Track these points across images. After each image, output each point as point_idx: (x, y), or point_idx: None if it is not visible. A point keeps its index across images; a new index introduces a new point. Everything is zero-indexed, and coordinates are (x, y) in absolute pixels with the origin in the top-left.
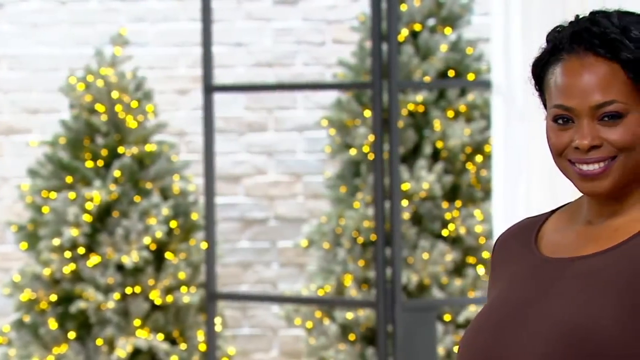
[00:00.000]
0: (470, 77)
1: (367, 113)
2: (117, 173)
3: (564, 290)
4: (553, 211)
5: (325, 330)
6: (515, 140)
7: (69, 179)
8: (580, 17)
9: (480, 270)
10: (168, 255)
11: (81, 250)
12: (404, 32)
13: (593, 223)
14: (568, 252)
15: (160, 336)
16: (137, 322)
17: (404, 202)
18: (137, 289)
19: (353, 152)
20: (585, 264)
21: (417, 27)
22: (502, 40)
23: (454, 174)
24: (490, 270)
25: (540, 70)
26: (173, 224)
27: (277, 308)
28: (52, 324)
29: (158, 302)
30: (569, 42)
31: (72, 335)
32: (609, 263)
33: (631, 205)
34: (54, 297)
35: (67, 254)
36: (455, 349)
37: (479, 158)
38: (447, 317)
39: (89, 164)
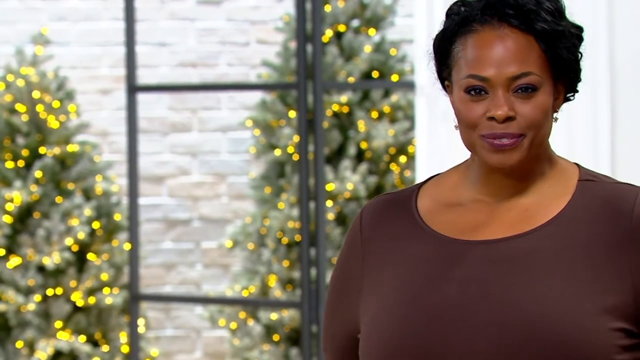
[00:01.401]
0: (394, 78)
1: (292, 114)
2: (38, 174)
3: (507, 275)
4: (418, 187)
5: (249, 331)
6: (439, 141)
7: None
8: None
9: None
10: (90, 256)
11: (1, 252)
12: (328, 33)
13: (493, 201)
14: (478, 234)
15: (82, 338)
16: (58, 324)
17: (329, 203)
18: (59, 291)
19: (278, 152)
20: (511, 246)
21: (341, 28)
22: (425, 42)
23: (378, 175)
24: (362, 251)
25: (446, 42)
26: (95, 224)
27: (201, 309)
28: None
29: (80, 303)
30: (481, 13)
31: None
32: (541, 245)
33: (533, 184)
34: None
35: None
36: None
37: (402, 159)
38: None
39: (10, 164)
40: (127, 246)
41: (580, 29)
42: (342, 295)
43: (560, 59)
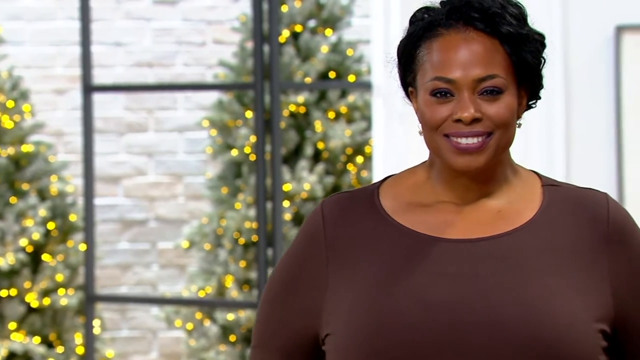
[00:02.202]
0: (351, 78)
1: (249, 114)
2: None
3: (499, 273)
4: (377, 187)
5: (205, 331)
6: (396, 141)
7: None
8: None
9: None
10: (45, 257)
11: None
12: (285, 34)
13: (460, 203)
14: (454, 233)
15: (37, 339)
16: (12, 326)
17: (286, 203)
18: (13, 292)
19: (234, 153)
20: (495, 245)
21: (298, 28)
22: (382, 42)
23: (335, 175)
24: (325, 250)
25: (411, 47)
26: (51, 225)
27: (157, 310)
28: None
29: (34, 304)
30: (446, 17)
31: None
32: (525, 245)
33: (498, 188)
34: None
35: None
36: None
37: (359, 159)
38: None
39: None
40: (82, 247)
41: (542, 36)
42: (294, 292)
43: (524, 63)
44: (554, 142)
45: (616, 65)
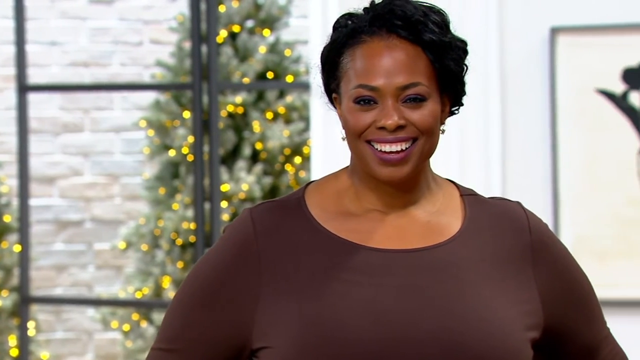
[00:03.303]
0: (289, 79)
1: (186, 114)
2: None
3: (439, 283)
4: (301, 195)
5: (142, 332)
6: (334, 142)
7: None
8: (377, 2)
9: None
10: None
11: None
12: (223, 34)
13: (387, 211)
14: (388, 243)
15: None
16: None
17: (224, 204)
18: None
19: (172, 153)
20: (432, 256)
21: (236, 28)
22: (320, 43)
23: (273, 175)
24: (258, 261)
25: (334, 54)
26: None
27: (93, 311)
28: None
29: None
30: (369, 24)
31: None
32: (459, 256)
33: (422, 197)
34: None
35: None
36: None
37: (297, 159)
38: None
39: None
40: (17, 248)
41: (464, 43)
42: (219, 302)
43: (447, 70)
44: (489, 143)
45: (551, 67)
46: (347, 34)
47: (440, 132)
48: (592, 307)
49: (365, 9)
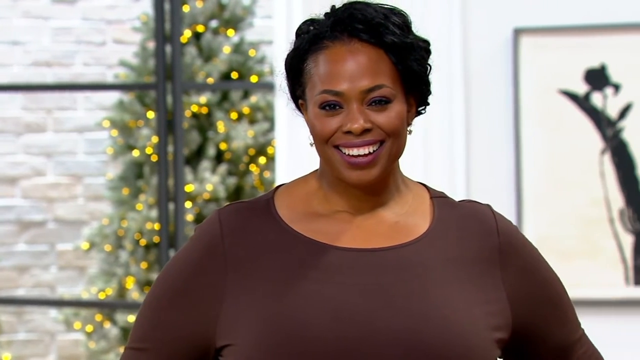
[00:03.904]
0: (253, 79)
1: (150, 114)
2: None
3: (403, 283)
4: (270, 197)
5: (105, 333)
6: (299, 142)
7: None
8: (337, 7)
9: None
10: None
11: None
12: (187, 34)
13: (355, 213)
14: (353, 242)
15: None
16: None
17: (188, 204)
18: None
19: (136, 153)
20: (397, 255)
21: (200, 28)
22: (284, 43)
23: (237, 176)
24: (224, 260)
25: (298, 61)
26: None
27: (56, 312)
28: None
29: None
30: (331, 29)
31: None
32: (425, 256)
33: (391, 199)
34: None
35: None
36: None
37: (262, 160)
38: None
39: None
40: None
41: (427, 43)
42: (186, 301)
43: (410, 71)
44: (453, 143)
45: (514, 67)
46: (309, 40)
47: (408, 132)
48: (564, 309)
49: (326, 14)
